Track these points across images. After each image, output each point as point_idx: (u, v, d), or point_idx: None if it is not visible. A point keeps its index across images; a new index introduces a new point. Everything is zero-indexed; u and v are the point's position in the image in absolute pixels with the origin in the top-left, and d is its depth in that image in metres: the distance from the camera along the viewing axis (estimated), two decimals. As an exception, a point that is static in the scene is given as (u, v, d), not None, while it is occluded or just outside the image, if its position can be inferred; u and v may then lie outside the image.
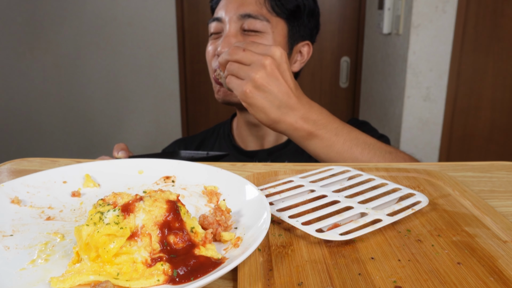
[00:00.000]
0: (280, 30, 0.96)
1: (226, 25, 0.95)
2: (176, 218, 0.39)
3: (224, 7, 0.96)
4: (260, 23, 0.93)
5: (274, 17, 0.95)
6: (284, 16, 0.96)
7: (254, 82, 0.70)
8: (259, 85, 0.70)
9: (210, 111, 2.87)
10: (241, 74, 0.72)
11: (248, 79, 0.71)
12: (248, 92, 0.70)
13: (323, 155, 0.75)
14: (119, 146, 0.79)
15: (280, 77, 0.71)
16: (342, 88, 2.79)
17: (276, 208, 0.48)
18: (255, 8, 0.94)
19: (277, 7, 0.95)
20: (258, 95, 0.71)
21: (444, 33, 1.94)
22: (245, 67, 0.71)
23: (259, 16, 0.93)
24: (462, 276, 0.37)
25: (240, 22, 0.93)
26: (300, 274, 0.37)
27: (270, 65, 0.70)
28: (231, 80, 0.73)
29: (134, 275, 0.37)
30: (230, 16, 0.94)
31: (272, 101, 0.71)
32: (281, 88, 0.71)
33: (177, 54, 2.78)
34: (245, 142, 1.07)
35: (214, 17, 0.98)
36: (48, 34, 2.77)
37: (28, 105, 2.90)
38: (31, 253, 0.41)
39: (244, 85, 0.71)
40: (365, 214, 0.47)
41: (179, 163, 0.57)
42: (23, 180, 0.53)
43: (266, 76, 0.70)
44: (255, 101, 0.71)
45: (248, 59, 0.71)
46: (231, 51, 0.73)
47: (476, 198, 0.51)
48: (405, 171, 0.61)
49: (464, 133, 2.10)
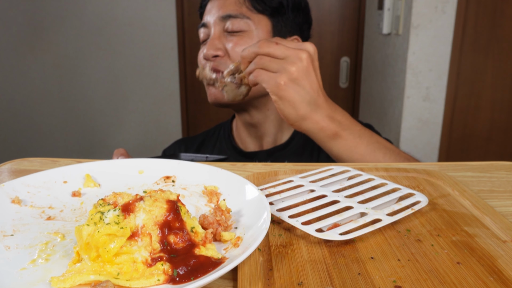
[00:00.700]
0: (264, 26, 0.96)
1: (211, 28, 0.97)
2: (176, 218, 0.39)
3: (208, 12, 0.98)
4: (241, 21, 0.94)
5: (255, 14, 0.95)
6: (267, 13, 0.96)
7: (290, 74, 0.69)
8: (294, 78, 0.69)
9: (210, 111, 2.87)
10: (273, 67, 0.70)
11: (284, 71, 0.69)
12: (283, 84, 0.69)
13: (346, 157, 0.75)
14: (118, 152, 0.79)
15: (313, 73, 0.71)
16: (342, 88, 2.80)
17: (276, 208, 0.48)
18: (235, 8, 0.94)
19: (258, 5, 0.95)
20: (292, 88, 0.70)
21: (443, 34, 1.95)
22: (278, 60, 0.70)
23: (239, 15, 0.94)
24: (461, 276, 0.37)
25: (222, 23, 0.95)
26: (300, 274, 0.37)
27: (306, 59, 0.70)
28: (261, 73, 0.71)
29: (134, 274, 0.37)
30: (213, 20, 0.96)
31: (303, 96, 0.70)
32: (313, 85, 0.71)
33: (177, 55, 2.78)
34: (244, 143, 1.07)
35: (201, 23, 1.00)
36: (48, 34, 2.77)
37: (28, 105, 2.90)
38: (32, 252, 0.41)
39: (279, 77, 0.69)
40: (364, 214, 0.47)
41: (179, 163, 0.58)
42: (23, 180, 0.53)
43: (302, 69, 0.69)
44: (287, 94, 0.70)
45: (283, 52, 0.70)
46: (260, 44, 0.71)
47: (475, 198, 0.52)
48: (404, 171, 0.61)
49: (463, 133, 2.10)
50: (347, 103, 2.82)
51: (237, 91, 0.79)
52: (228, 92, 0.79)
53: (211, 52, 0.94)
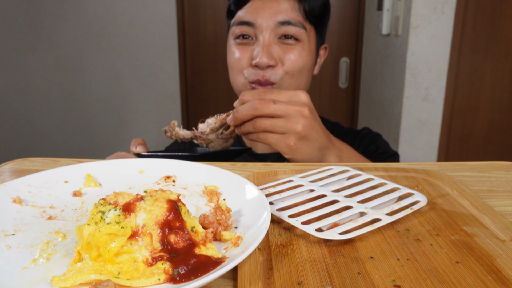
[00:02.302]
0: (312, 37, 0.94)
1: (261, 32, 0.90)
2: (176, 217, 0.40)
3: (257, 12, 0.90)
4: (299, 30, 0.90)
5: (308, 24, 0.92)
6: (314, 22, 0.94)
7: (298, 134, 0.68)
8: (303, 136, 0.68)
9: (211, 112, 2.87)
10: (278, 129, 0.68)
11: (290, 133, 0.68)
12: (293, 145, 0.68)
13: None
14: (136, 141, 0.76)
15: (317, 124, 0.70)
16: (342, 89, 2.80)
17: (276, 208, 0.48)
18: (293, 15, 0.90)
19: (310, 14, 0.92)
20: (302, 145, 0.69)
21: (442, 34, 1.95)
22: (281, 120, 0.68)
23: (297, 23, 0.90)
24: (460, 275, 0.37)
25: (277, 29, 0.89)
26: (299, 273, 0.37)
27: (309, 114, 0.69)
28: (267, 136, 0.69)
29: (135, 274, 0.37)
30: (266, 23, 0.89)
31: (313, 147, 0.71)
32: (319, 133, 0.71)
33: (178, 55, 2.78)
34: (255, 144, 1.06)
35: (244, 20, 0.91)
36: (49, 35, 2.77)
37: (29, 105, 2.90)
38: (33, 252, 0.41)
39: (287, 139, 0.68)
40: (364, 214, 0.47)
41: (180, 163, 0.58)
42: (24, 180, 0.53)
43: (308, 126, 0.69)
44: (299, 151, 0.70)
45: (283, 111, 0.67)
46: (257, 106, 0.67)
47: (474, 197, 0.52)
48: (404, 171, 0.61)
49: (462, 133, 2.10)
50: (347, 104, 2.83)
51: (225, 144, 0.76)
52: (214, 146, 0.75)
53: (266, 61, 0.88)
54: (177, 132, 0.74)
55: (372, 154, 0.98)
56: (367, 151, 1.00)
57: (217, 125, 0.73)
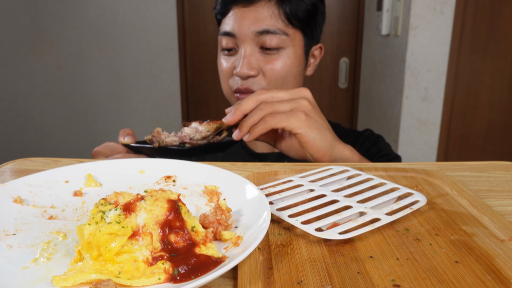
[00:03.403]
0: (298, 41, 0.91)
1: (242, 42, 0.89)
2: (177, 217, 0.40)
3: (237, 22, 0.88)
4: (280, 37, 0.87)
5: (291, 29, 0.89)
6: (299, 26, 0.91)
7: (305, 107, 0.68)
8: (310, 110, 0.69)
9: (211, 112, 2.88)
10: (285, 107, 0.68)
11: (298, 107, 0.68)
12: (304, 116, 0.68)
13: None
14: (125, 132, 0.75)
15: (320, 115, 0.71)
16: (341, 89, 2.80)
17: (276, 208, 0.48)
18: (272, 22, 0.87)
19: (293, 18, 0.88)
20: (313, 118, 0.69)
21: (442, 34, 1.95)
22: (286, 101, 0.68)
23: (277, 31, 0.87)
24: (459, 275, 0.37)
25: (257, 39, 0.87)
26: (299, 273, 0.38)
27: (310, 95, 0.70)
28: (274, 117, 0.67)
29: (135, 273, 0.37)
30: (245, 33, 0.87)
31: (323, 125, 0.70)
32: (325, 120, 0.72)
33: (178, 55, 2.79)
34: (254, 144, 1.06)
35: (225, 31, 0.91)
36: (50, 36, 2.77)
37: (30, 105, 2.90)
38: (34, 252, 0.41)
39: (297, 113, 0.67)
40: (364, 213, 0.47)
41: (180, 163, 0.58)
42: (25, 180, 0.53)
43: (312, 105, 0.69)
44: (313, 122, 0.68)
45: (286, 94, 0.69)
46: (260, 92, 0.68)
47: (473, 197, 0.52)
48: (403, 171, 0.61)
49: (461, 133, 2.11)
50: (346, 104, 2.83)
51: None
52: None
53: (246, 72, 0.87)
54: (163, 139, 0.74)
55: (373, 156, 0.97)
56: (368, 154, 0.99)
57: (209, 133, 0.73)
